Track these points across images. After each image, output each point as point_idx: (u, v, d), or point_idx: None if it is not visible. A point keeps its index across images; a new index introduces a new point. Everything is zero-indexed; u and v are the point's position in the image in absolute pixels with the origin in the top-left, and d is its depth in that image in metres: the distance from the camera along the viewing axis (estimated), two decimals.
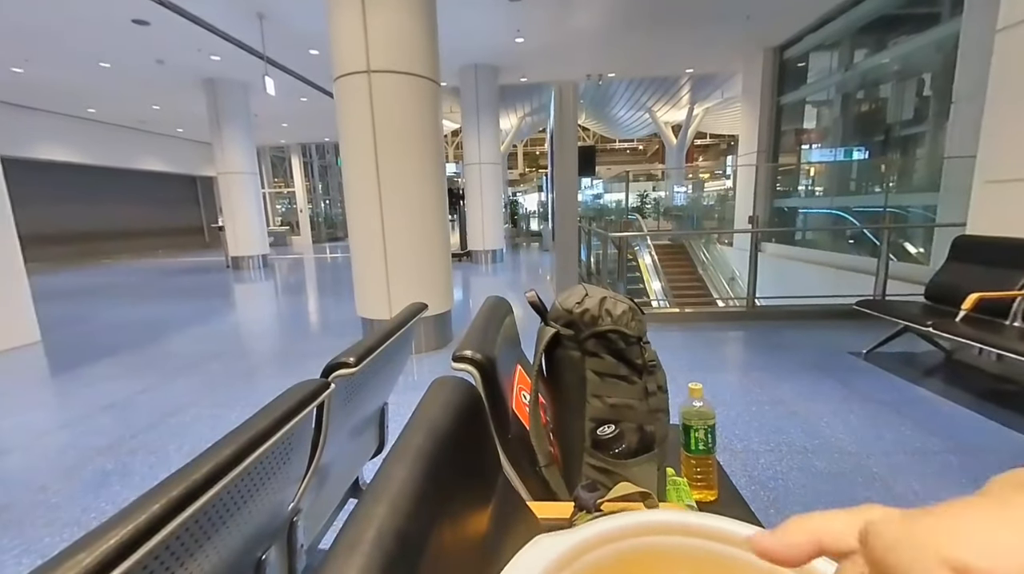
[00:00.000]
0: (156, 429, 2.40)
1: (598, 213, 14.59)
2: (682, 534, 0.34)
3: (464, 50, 6.97)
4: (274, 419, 0.60)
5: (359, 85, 2.99)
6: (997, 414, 2.20)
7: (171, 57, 6.79)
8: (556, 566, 0.29)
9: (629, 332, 0.92)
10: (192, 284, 7.66)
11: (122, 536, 0.38)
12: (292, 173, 15.65)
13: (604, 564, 0.31)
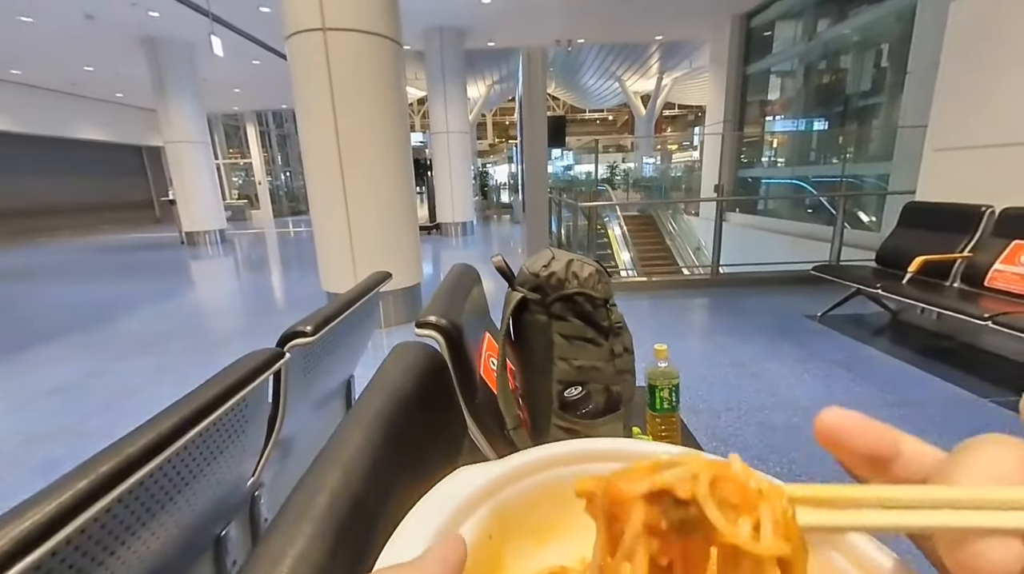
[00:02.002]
0: (110, 412, 2.29)
1: (569, 184, 14.53)
2: (613, 460, 0.33)
3: (428, 10, 6.63)
4: (222, 389, 0.57)
5: (314, 44, 2.79)
6: (935, 368, 2.37)
7: (102, 12, 6.17)
8: (477, 498, 0.27)
9: (595, 294, 0.91)
10: (143, 262, 7.24)
11: (42, 515, 0.35)
12: (248, 143, 14.80)
13: (530, 495, 0.29)
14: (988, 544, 0.12)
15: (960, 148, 2.66)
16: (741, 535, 0.14)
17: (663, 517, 0.15)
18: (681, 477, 0.15)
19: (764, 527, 0.14)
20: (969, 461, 0.14)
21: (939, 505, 0.13)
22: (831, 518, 0.14)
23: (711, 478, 0.15)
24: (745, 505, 0.14)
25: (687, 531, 0.15)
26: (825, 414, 0.16)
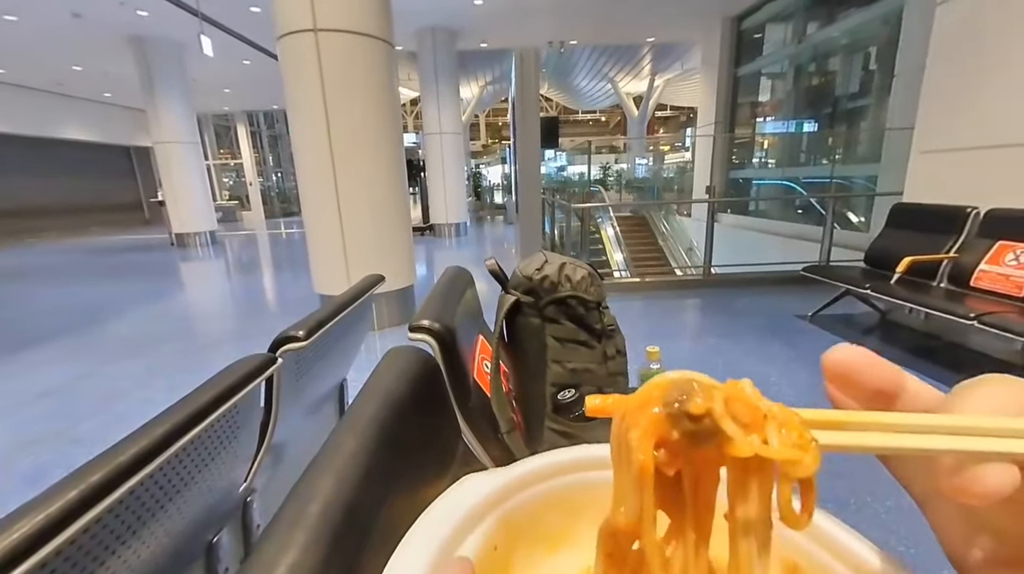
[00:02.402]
0: (100, 415, 2.27)
1: (562, 185, 14.57)
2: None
3: (420, 11, 6.62)
4: (214, 396, 0.56)
5: (305, 45, 2.78)
6: (923, 368, 2.40)
7: (89, 10, 6.09)
8: (482, 508, 0.27)
9: (588, 297, 0.92)
10: (132, 263, 7.15)
11: (30, 527, 0.34)
12: (239, 143, 14.67)
13: (537, 503, 0.29)
14: (984, 468, 0.13)
15: (946, 150, 2.70)
16: (755, 442, 0.14)
17: (675, 427, 0.15)
18: (694, 392, 0.15)
19: (776, 439, 0.14)
20: (972, 396, 0.14)
21: (943, 431, 0.14)
22: (841, 438, 0.15)
23: (724, 397, 0.15)
24: (756, 424, 0.15)
25: (698, 441, 0.15)
26: (835, 350, 0.17)
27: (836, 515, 0.93)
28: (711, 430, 0.14)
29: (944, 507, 0.17)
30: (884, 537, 1.35)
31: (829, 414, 0.15)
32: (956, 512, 0.16)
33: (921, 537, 1.34)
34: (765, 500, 0.15)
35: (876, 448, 0.15)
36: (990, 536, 0.16)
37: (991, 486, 0.13)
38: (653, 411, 0.15)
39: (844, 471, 1.64)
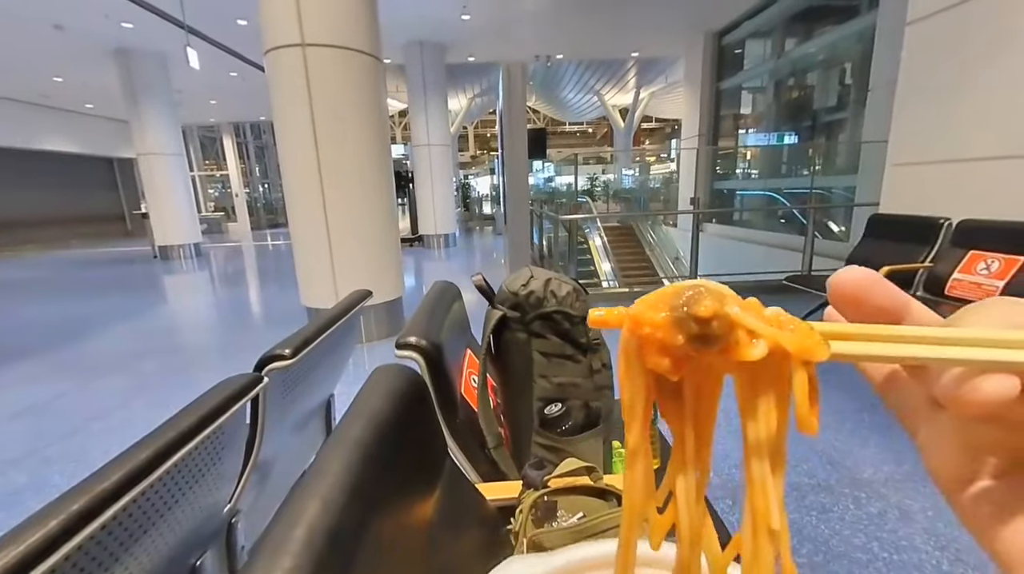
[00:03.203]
0: (77, 435, 2.21)
1: (550, 196, 14.69)
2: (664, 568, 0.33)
3: (408, 25, 6.69)
4: (199, 418, 0.56)
5: (293, 59, 2.79)
6: None
7: (72, 22, 6.04)
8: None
9: (573, 312, 0.93)
10: (114, 277, 7.01)
11: (11, 558, 0.34)
12: (225, 155, 14.56)
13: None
14: (983, 377, 0.13)
15: (918, 163, 2.79)
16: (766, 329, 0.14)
17: (680, 331, 0.14)
18: (702, 295, 0.14)
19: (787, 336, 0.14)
20: (975, 314, 0.15)
21: (945, 342, 0.14)
22: (848, 347, 0.15)
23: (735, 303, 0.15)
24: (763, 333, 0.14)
25: (705, 345, 0.14)
26: (842, 272, 0.17)
27: (821, 524, 0.97)
28: (718, 334, 0.14)
29: (936, 429, 0.17)
30: (867, 542, 1.37)
31: (835, 327, 0.15)
32: (948, 432, 0.16)
33: (903, 544, 1.37)
34: (776, 410, 0.15)
35: (880, 357, 0.15)
36: (980, 453, 0.16)
37: (990, 394, 0.13)
38: (659, 316, 0.14)
39: (827, 483, 1.67)
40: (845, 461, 1.76)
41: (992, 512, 0.16)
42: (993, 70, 2.33)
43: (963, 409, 0.14)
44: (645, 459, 0.16)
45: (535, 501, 0.70)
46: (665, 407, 0.17)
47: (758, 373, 0.15)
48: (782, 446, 0.15)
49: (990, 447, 0.16)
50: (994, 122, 2.35)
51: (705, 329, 0.14)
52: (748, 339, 0.14)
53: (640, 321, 0.15)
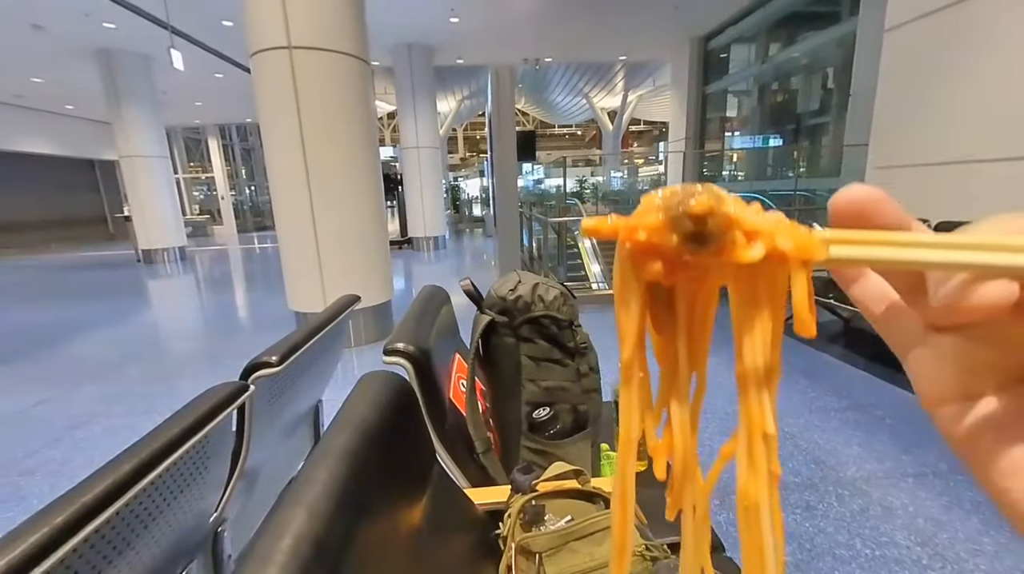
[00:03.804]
0: (58, 445, 2.16)
1: (539, 198, 14.73)
2: None
3: (396, 27, 6.67)
4: (183, 428, 0.56)
5: (280, 62, 2.77)
6: (884, 374, 2.51)
7: (52, 22, 5.92)
8: None
9: (561, 317, 0.94)
10: (96, 281, 6.87)
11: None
12: (210, 157, 14.36)
13: None
14: (984, 283, 0.13)
15: (898, 166, 2.86)
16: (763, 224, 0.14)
17: (675, 230, 0.14)
18: (698, 193, 0.14)
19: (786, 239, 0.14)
20: (986, 223, 0.14)
21: (951, 246, 0.13)
22: (849, 251, 0.14)
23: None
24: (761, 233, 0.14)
25: (700, 243, 0.14)
26: (849, 188, 0.16)
27: (805, 521, 0.99)
28: (713, 233, 0.13)
29: (932, 352, 0.16)
30: (850, 539, 1.40)
31: (834, 232, 0.14)
32: (945, 353, 0.16)
33: (884, 540, 1.40)
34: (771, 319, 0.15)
35: (881, 260, 0.14)
36: (978, 373, 0.16)
37: (991, 297, 0.13)
38: (652, 218, 0.14)
39: (811, 481, 1.70)
40: (829, 460, 1.79)
41: (992, 438, 0.15)
42: (966, 76, 2.40)
43: (964, 315, 0.14)
44: (640, 374, 0.16)
45: (523, 505, 0.71)
46: (658, 321, 0.16)
47: (754, 279, 0.14)
48: (776, 355, 0.15)
49: (988, 366, 0.15)
50: (966, 126, 2.42)
51: (700, 227, 0.13)
52: (745, 241, 0.14)
53: (634, 226, 0.14)
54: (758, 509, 0.15)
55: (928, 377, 0.17)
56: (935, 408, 0.17)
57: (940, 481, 1.64)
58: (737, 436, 0.15)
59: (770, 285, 0.15)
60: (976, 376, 0.16)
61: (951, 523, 1.44)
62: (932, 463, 1.74)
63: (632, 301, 0.15)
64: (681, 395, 0.16)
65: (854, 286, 0.18)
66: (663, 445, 0.17)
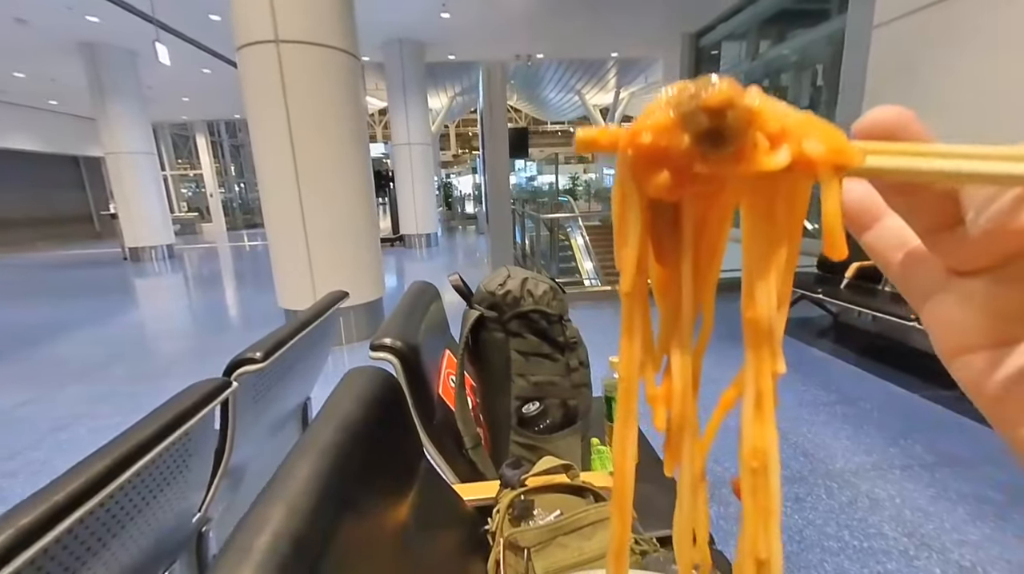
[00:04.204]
0: (42, 446, 2.12)
1: (532, 196, 14.73)
2: None
3: (386, 23, 6.61)
4: (161, 425, 0.54)
5: (267, 56, 2.73)
6: (873, 367, 2.54)
7: (35, 16, 5.79)
8: None
9: (550, 311, 0.94)
10: (82, 280, 6.76)
11: None
12: (198, 154, 14.17)
13: None
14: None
15: None
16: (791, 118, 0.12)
17: (687, 129, 0.12)
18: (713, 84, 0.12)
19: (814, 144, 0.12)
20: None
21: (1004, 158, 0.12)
22: (891, 161, 0.12)
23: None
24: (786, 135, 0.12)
25: (715, 143, 0.12)
26: (879, 108, 0.14)
27: (795, 514, 0.98)
28: (731, 131, 0.12)
29: (957, 298, 0.15)
30: (838, 531, 1.41)
31: (868, 143, 0.13)
32: (974, 297, 0.14)
33: (872, 531, 1.41)
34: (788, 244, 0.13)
35: (923, 171, 0.12)
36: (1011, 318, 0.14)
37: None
38: (660, 116, 0.12)
39: (801, 474, 1.71)
40: (818, 452, 1.81)
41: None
42: (951, 71, 2.42)
43: (1012, 240, 0.12)
44: (641, 306, 0.14)
45: (512, 500, 0.70)
46: (661, 249, 0.14)
47: (773, 196, 0.12)
48: (789, 287, 0.13)
49: (1008, 308, 0.14)
50: (952, 121, 2.44)
51: (717, 123, 0.11)
52: (768, 145, 0.12)
53: (639, 130, 0.12)
54: (767, 467, 0.13)
55: (951, 325, 0.15)
56: (957, 357, 0.15)
57: (926, 473, 1.66)
58: (740, 382, 0.14)
59: (790, 204, 0.12)
60: (1009, 322, 0.14)
61: (937, 514, 1.46)
62: (919, 455, 1.76)
63: (632, 221, 0.13)
64: (684, 337, 0.15)
65: (868, 233, 0.17)
66: (662, 393, 0.15)
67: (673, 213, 0.14)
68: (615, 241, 0.14)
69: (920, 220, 0.15)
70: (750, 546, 0.14)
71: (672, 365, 0.15)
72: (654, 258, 0.14)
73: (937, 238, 0.15)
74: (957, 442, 1.83)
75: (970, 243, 0.13)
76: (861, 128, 0.14)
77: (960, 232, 0.14)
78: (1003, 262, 0.13)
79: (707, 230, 0.14)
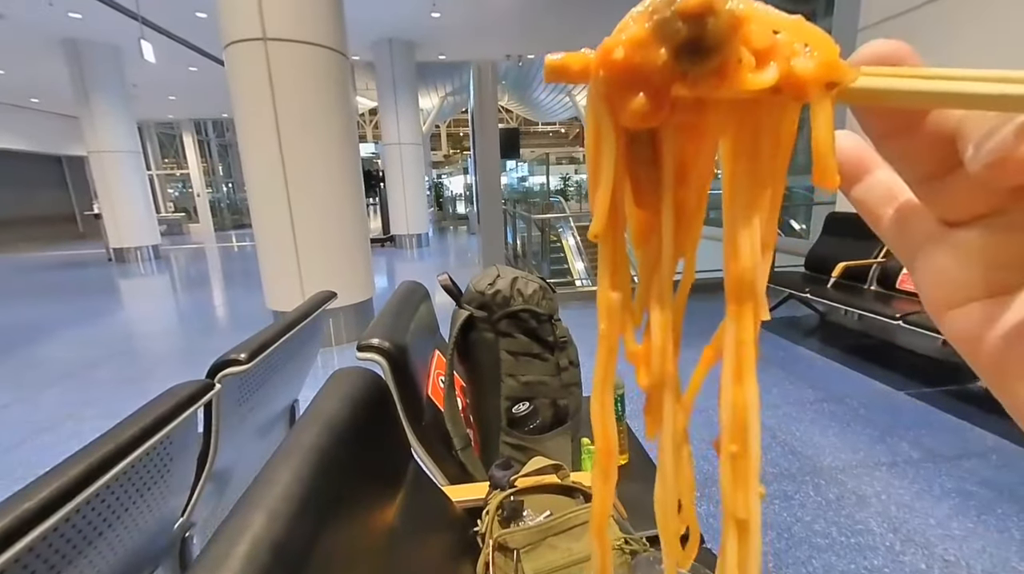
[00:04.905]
0: (21, 449, 2.07)
1: (523, 196, 14.74)
2: None
3: (376, 22, 6.57)
4: (140, 428, 0.53)
5: (254, 54, 2.70)
6: (858, 365, 2.57)
7: (13, 11, 5.67)
8: None
9: (540, 311, 0.93)
10: (65, 281, 6.63)
11: None
12: (185, 153, 13.97)
13: None
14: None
15: None
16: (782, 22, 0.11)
17: (664, 42, 0.11)
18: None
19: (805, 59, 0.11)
20: None
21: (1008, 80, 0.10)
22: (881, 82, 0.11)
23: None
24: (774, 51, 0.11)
25: (696, 57, 0.11)
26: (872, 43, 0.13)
27: (783, 511, 0.99)
28: (713, 42, 0.10)
29: (951, 250, 0.14)
30: (826, 528, 1.42)
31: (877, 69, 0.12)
32: (970, 248, 0.14)
33: (859, 527, 1.43)
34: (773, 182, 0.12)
35: (921, 93, 0.11)
36: (1002, 265, 0.13)
37: None
38: (636, 30, 0.11)
39: (789, 471, 1.73)
40: (806, 450, 1.83)
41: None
42: None
43: (1018, 171, 0.11)
44: (617, 251, 0.13)
45: (501, 501, 0.70)
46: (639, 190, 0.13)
47: (758, 125, 0.11)
48: (774, 222, 0.12)
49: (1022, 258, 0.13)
50: None
51: (697, 33, 0.10)
52: (753, 61, 0.11)
53: (611, 47, 0.11)
54: (746, 425, 0.12)
55: (944, 277, 0.14)
56: (950, 310, 0.14)
57: (912, 469, 1.68)
58: (720, 337, 0.13)
59: (775, 136, 0.12)
60: (1006, 270, 0.13)
61: (922, 510, 1.48)
62: (904, 452, 1.79)
63: (607, 155, 0.12)
64: (664, 288, 0.14)
65: (858, 186, 0.16)
66: (642, 351, 0.15)
67: (653, 149, 0.13)
68: (588, 181, 0.13)
69: (914, 167, 0.14)
70: (729, 506, 0.13)
71: (652, 320, 0.14)
72: (632, 200, 0.13)
73: (930, 187, 0.14)
74: (941, 439, 1.86)
75: (967, 186, 0.13)
76: (858, 59, 0.13)
77: (955, 179, 0.13)
78: (1000, 207, 0.13)
79: (689, 168, 0.13)
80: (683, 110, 0.11)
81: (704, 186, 0.13)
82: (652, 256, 0.14)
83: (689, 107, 0.11)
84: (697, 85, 0.11)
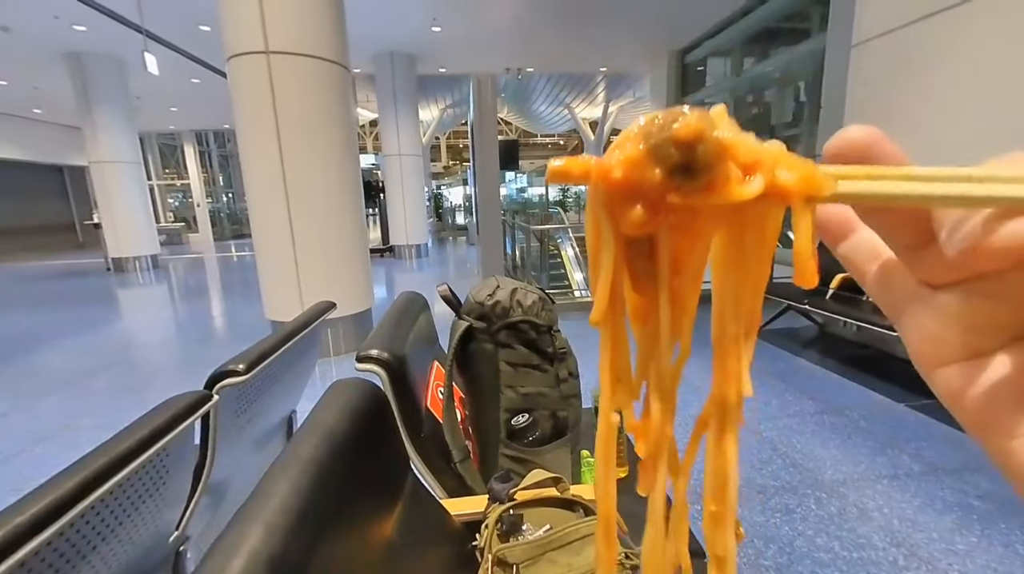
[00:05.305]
0: (17, 459, 2.05)
1: (522, 207, 14.80)
2: None
3: (377, 36, 6.66)
4: (137, 440, 0.53)
5: (257, 67, 2.73)
6: (857, 377, 2.57)
7: (19, 24, 5.74)
8: None
9: (540, 322, 0.93)
10: (64, 291, 6.61)
11: None
12: (186, 163, 14.04)
13: None
14: (1013, 220, 0.11)
15: None
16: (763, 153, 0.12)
17: (657, 163, 0.12)
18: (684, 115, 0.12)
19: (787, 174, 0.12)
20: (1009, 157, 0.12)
21: (973, 179, 0.12)
22: (862, 187, 0.12)
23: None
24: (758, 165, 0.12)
25: (687, 176, 0.12)
26: (849, 128, 0.14)
27: (785, 525, 0.98)
28: (703, 164, 0.12)
29: (932, 312, 0.15)
30: (828, 542, 1.41)
31: (838, 168, 0.13)
32: (949, 311, 0.14)
33: (862, 542, 1.41)
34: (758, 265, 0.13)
35: (893, 196, 0.12)
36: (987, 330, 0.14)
37: (1016, 238, 0.11)
38: (631, 149, 0.12)
39: (790, 484, 1.71)
40: (807, 463, 1.81)
41: (1014, 401, 0.13)
42: (928, 89, 2.50)
43: (985, 260, 0.12)
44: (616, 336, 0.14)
45: (500, 515, 0.69)
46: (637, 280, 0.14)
47: (745, 222, 0.13)
48: (758, 305, 0.14)
49: (996, 323, 0.14)
50: (928, 138, 2.51)
51: (688, 157, 0.11)
52: (739, 175, 0.12)
53: (609, 164, 0.12)
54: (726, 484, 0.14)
55: (927, 337, 0.15)
56: (935, 369, 0.15)
57: (913, 482, 1.67)
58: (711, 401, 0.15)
59: (760, 232, 0.13)
60: (980, 334, 0.14)
61: (925, 524, 1.47)
62: (906, 465, 1.77)
63: (606, 253, 0.13)
64: (662, 373, 0.15)
65: (843, 244, 0.17)
66: (641, 426, 0.15)
67: (649, 243, 0.14)
68: (589, 272, 0.14)
69: (894, 239, 0.15)
70: (710, 546, 0.15)
71: (650, 402, 0.15)
72: (631, 287, 0.14)
73: (912, 255, 0.15)
74: (942, 451, 1.85)
75: (943, 261, 0.13)
76: (831, 149, 0.14)
77: (934, 249, 0.14)
78: (975, 278, 0.13)
79: (684, 260, 0.14)
80: (677, 212, 0.12)
81: (698, 275, 0.14)
82: (651, 336, 0.15)
83: (683, 210, 0.12)
84: (690, 196, 0.12)
